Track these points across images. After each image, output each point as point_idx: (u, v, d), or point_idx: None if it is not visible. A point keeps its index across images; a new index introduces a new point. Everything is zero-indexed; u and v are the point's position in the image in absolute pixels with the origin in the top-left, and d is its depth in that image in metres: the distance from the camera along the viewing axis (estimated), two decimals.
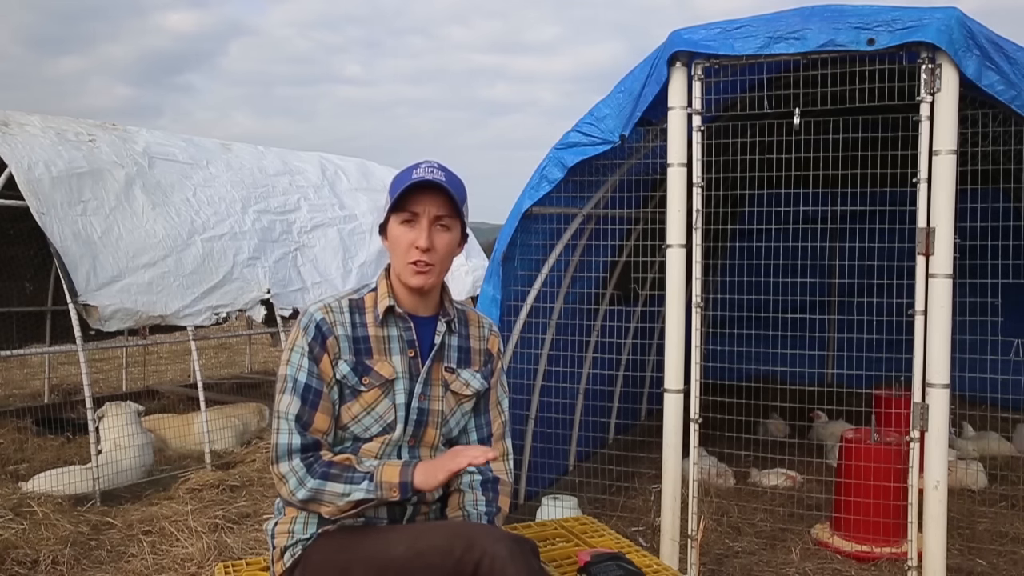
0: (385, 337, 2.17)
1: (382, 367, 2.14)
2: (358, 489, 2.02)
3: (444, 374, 2.23)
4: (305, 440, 2.07)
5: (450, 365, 2.24)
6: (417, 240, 2.08)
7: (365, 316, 2.17)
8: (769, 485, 5.34)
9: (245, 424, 6.96)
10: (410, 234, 2.10)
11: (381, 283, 2.21)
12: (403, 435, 2.17)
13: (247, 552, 4.35)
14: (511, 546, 1.91)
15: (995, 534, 4.58)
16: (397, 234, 2.12)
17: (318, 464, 2.06)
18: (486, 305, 4.27)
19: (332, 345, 2.11)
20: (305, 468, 2.04)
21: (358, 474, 2.04)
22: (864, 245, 5.54)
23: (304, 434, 2.07)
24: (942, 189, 3.36)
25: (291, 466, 2.05)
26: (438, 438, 2.23)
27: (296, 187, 8.04)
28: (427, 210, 2.09)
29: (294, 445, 2.06)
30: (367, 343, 2.15)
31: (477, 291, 6.83)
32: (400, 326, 2.18)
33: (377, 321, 2.16)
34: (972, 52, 3.31)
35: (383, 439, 2.15)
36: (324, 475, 2.04)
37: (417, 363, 2.18)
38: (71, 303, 5.46)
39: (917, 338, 3.44)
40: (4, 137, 5.70)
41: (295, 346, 2.12)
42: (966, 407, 5.64)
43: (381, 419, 2.14)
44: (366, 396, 2.13)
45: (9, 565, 4.15)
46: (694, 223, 3.80)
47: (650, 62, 3.86)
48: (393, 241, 2.14)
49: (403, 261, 2.12)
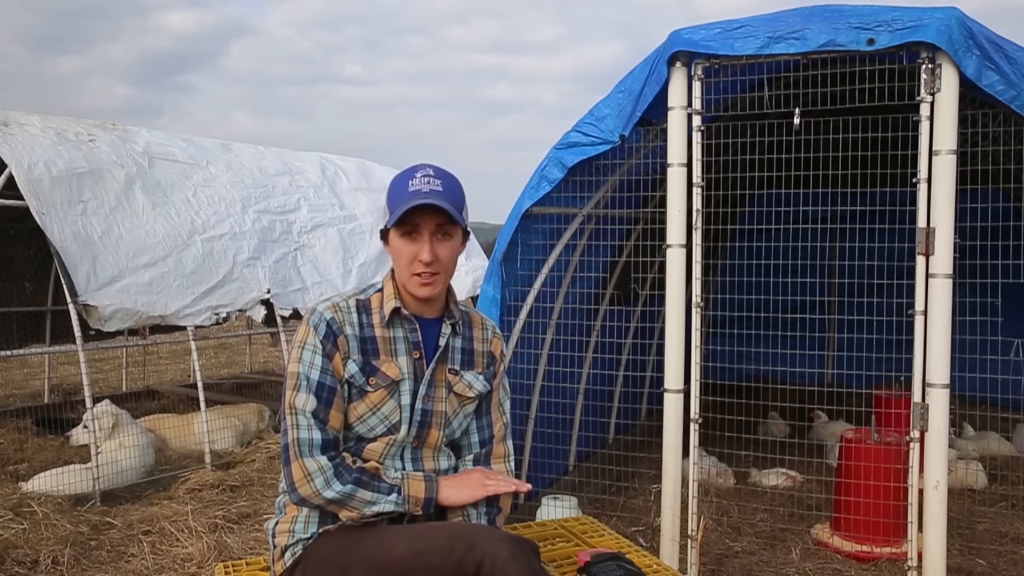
0: (391, 338, 2.17)
1: (388, 368, 2.15)
2: (387, 501, 2.06)
3: (448, 376, 2.23)
4: (326, 436, 2.06)
5: (453, 367, 2.24)
6: (420, 254, 2.09)
7: (372, 316, 2.17)
8: (769, 485, 5.34)
9: (245, 424, 6.96)
10: (412, 247, 2.10)
11: (387, 284, 2.21)
12: (407, 436, 2.17)
13: (247, 552, 4.35)
14: (512, 547, 1.92)
15: (995, 534, 4.58)
16: (399, 247, 2.12)
17: (345, 468, 2.06)
18: (486, 305, 4.27)
19: (343, 344, 2.11)
20: (333, 469, 2.04)
21: (384, 485, 2.07)
22: (864, 245, 5.54)
23: (325, 429, 2.06)
24: (942, 189, 3.36)
25: (319, 464, 2.04)
26: (441, 439, 2.23)
27: (296, 187, 8.04)
28: (427, 222, 2.09)
29: (315, 440, 2.05)
30: (374, 343, 2.15)
31: (477, 291, 6.83)
32: (406, 327, 2.19)
33: (383, 322, 2.16)
34: (972, 52, 3.31)
35: (387, 439, 2.16)
36: (356, 481, 2.05)
37: (422, 364, 2.19)
38: (71, 303, 5.46)
39: (917, 338, 3.44)
40: (4, 137, 5.70)
41: (306, 344, 2.10)
42: (966, 407, 5.64)
43: (386, 419, 2.15)
44: (372, 396, 2.13)
45: (9, 565, 4.15)
46: (694, 223, 3.80)
47: (650, 62, 3.86)
48: (396, 252, 2.14)
49: (407, 273, 2.12)
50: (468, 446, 2.32)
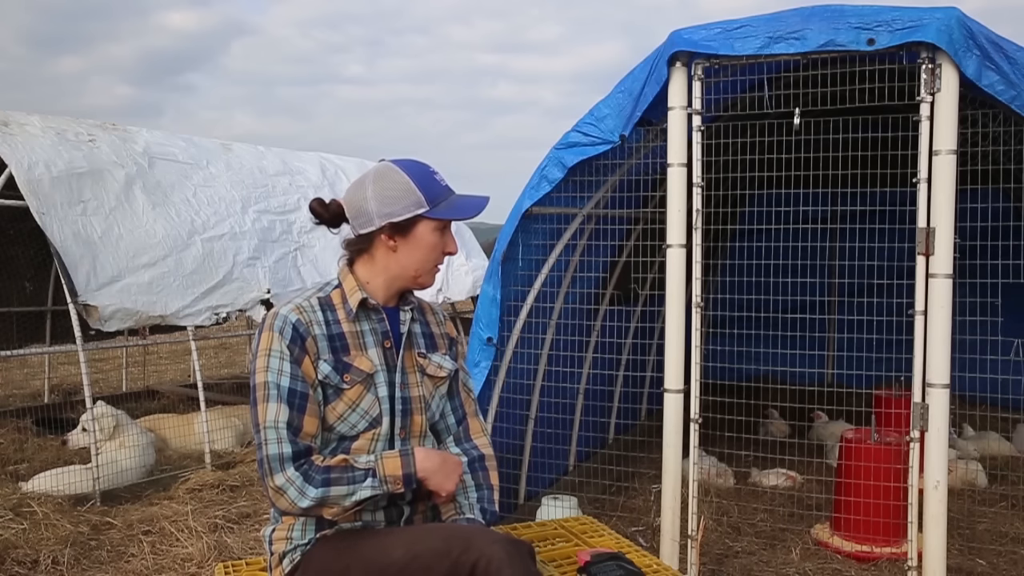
0: (359, 332, 2.18)
1: (361, 362, 2.14)
2: (362, 487, 2.02)
3: (418, 359, 2.25)
4: (297, 448, 2.03)
5: (421, 351, 2.27)
6: (447, 247, 2.22)
7: (337, 313, 2.18)
8: (769, 485, 5.34)
9: (245, 424, 6.95)
10: (442, 240, 2.21)
11: (347, 279, 2.22)
12: (391, 428, 2.17)
13: (247, 552, 4.35)
14: (508, 548, 1.92)
15: (995, 534, 4.58)
16: (433, 239, 2.19)
17: (314, 471, 2.02)
18: (486, 305, 4.26)
19: (311, 346, 2.09)
20: (302, 477, 2.00)
21: (359, 472, 2.03)
22: (864, 245, 5.54)
23: (295, 441, 2.03)
24: (942, 189, 3.36)
25: (287, 477, 2.00)
26: (424, 425, 2.24)
27: (296, 187, 8.03)
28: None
29: (286, 454, 2.01)
30: (343, 339, 2.15)
31: (477, 291, 6.82)
32: (373, 318, 2.20)
33: (350, 317, 2.17)
34: (972, 52, 3.31)
35: (371, 434, 2.15)
36: (325, 481, 2.01)
37: (393, 354, 2.20)
38: (71, 303, 5.46)
39: (917, 338, 3.43)
40: (4, 137, 5.70)
41: (271, 351, 2.06)
42: (966, 407, 5.63)
43: (367, 414, 2.14)
44: (349, 393, 2.12)
45: (9, 565, 4.15)
46: (694, 223, 3.80)
47: (650, 62, 3.86)
48: (425, 244, 2.18)
49: (429, 264, 2.21)
50: (446, 428, 2.35)
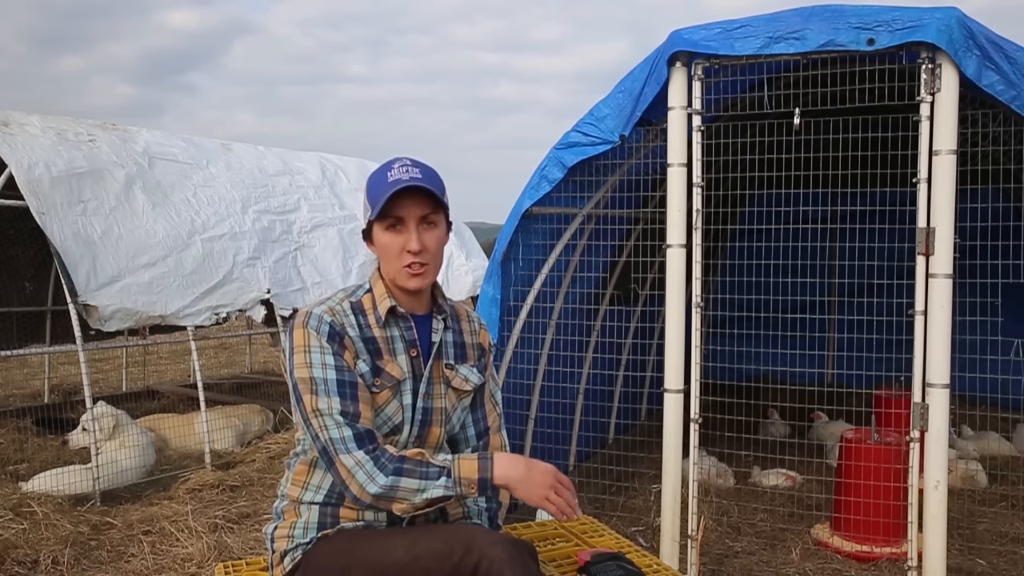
0: (389, 338, 2.15)
1: (392, 368, 2.12)
2: (435, 486, 1.97)
3: (444, 371, 2.22)
4: (357, 430, 2.00)
5: (449, 362, 2.23)
6: (408, 244, 2.06)
7: (368, 318, 2.14)
8: (769, 485, 5.33)
9: (245, 424, 6.96)
10: (399, 239, 2.07)
11: (377, 284, 2.17)
12: (409, 436, 2.15)
13: (247, 552, 4.35)
14: (509, 549, 1.91)
15: (995, 534, 4.58)
16: (386, 241, 2.08)
17: (387, 459, 1.98)
18: (486, 305, 4.26)
19: (349, 344, 2.08)
20: (372, 461, 1.97)
21: (433, 469, 1.98)
22: (864, 245, 5.54)
23: (355, 425, 2.00)
24: (942, 189, 3.36)
25: (356, 459, 1.97)
26: (442, 436, 2.22)
27: (296, 187, 8.04)
28: (411, 212, 2.06)
29: (347, 436, 1.98)
30: (375, 344, 2.12)
31: (477, 291, 6.82)
32: (401, 326, 2.17)
33: (379, 322, 2.14)
34: (972, 52, 3.31)
35: (390, 441, 2.13)
36: (397, 471, 1.97)
37: (419, 362, 2.17)
38: (71, 303, 5.46)
39: (917, 338, 3.44)
40: (4, 137, 5.70)
41: (309, 347, 2.04)
42: (966, 407, 5.63)
43: (389, 420, 2.13)
44: (377, 398, 2.10)
45: (9, 565, 4.15)
46: (694, 223, 3.80)
47: (650, 62, 3.86)
48: (383, 248, 2.10)
49: (397, 266, 2.09)
50: (465, 440, 2.32)
